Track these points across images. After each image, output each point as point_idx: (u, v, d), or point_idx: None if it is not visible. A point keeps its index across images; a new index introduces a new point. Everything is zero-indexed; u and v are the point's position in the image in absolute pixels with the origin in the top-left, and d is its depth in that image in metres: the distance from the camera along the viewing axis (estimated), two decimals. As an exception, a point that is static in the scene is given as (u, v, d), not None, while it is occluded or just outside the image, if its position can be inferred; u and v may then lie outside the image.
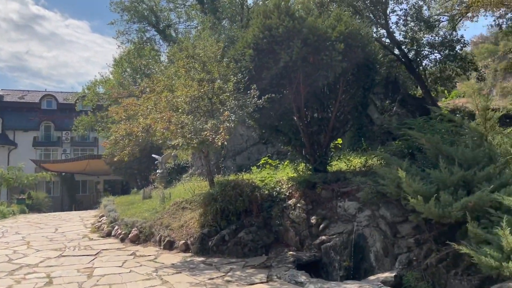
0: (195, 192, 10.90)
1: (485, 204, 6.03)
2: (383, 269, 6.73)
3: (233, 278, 6.66)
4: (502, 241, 5.25)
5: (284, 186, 9.07)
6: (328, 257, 7.40)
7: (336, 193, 8.27)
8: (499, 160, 6.92)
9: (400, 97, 17.51)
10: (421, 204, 6.12)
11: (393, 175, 6.96)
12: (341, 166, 10.29)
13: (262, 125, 9.87)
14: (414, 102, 17.58)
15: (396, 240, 6.98)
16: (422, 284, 6.19)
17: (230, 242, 8.33)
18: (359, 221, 7.35)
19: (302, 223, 8.16)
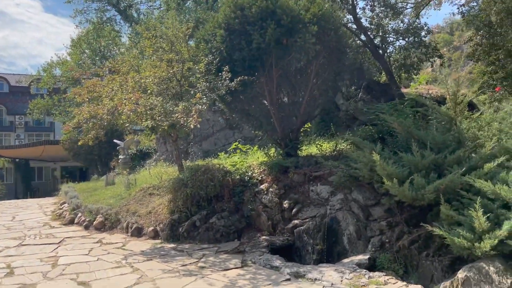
0: (163, 178, 10.59)
1: (456, 186, 6.15)
2: (356, 251, 6.78)
3: (207, 264, 6.50)
4: (474, 222, 5.38)
5: (256, 171, 8.95)
6: (301, 241, 7.38)
7: (308, 177, 8.24)
8: (467, 144, 7.10)
9: (365, 83, 17.73)
10: (395, 187, 6.17)
11: (367, 159, 6.99)
12: (311, 151, 10.29)
13: (233, 109, 9.66)
14: (378, 88, 17.85)
15: (369, 223, 7.04)
16: (395, 265, 6.28)
17: (201, 228, 8.15)
18: (332, 205, 7.36)
19: (275, 207, 8.09)
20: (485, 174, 6.05)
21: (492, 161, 6.33)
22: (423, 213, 6.93)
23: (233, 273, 6.00)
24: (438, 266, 6.02)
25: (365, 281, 5.38)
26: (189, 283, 5.58)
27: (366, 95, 17.28)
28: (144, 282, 5.70)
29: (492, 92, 10.34)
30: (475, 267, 5.22)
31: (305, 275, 5.69)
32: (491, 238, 5.10)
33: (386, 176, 6.47)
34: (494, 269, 5.04)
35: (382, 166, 6.40)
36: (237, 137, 19.14)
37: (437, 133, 7.14)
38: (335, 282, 5.38)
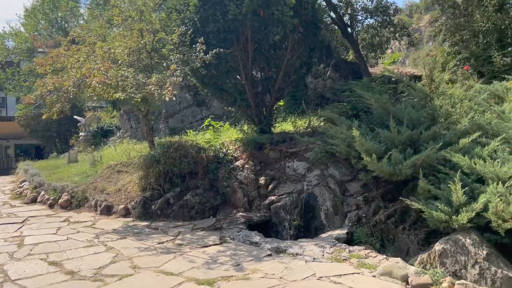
0: (131, 155, 10.23)
1: (432, 161, 6.27)
2: (333, 226, 6.83)
3: (184, 241, 6.35)
4: (451, 196, 5.51)
5: (230, 148, 8.80)
6: (278, 217, 7.35)
7: (284, 153, 8.19)
8: (440, 121, 7.24)
9: (333, 62, 17.78)
10: (374, 162, 6.21)
11: (344, 135, 6.99)
12: (284, 128, 10.24)
13: (206, 84, 9.37)
14: (346, 67, 17.97)
15: (345, 198, 7.10)
16: (372, 239, 6.38)
17: (175, 205, 7.95)
18: (309, 181, 7.35)
19: (251, 184, 8.00)
20: (460, 149, 6.18)
21: (465, 137, 6.50)
22: (397, 189, 7.06)
23: (213, 249, 5.89)
24: (414, 239, 6.16)
25: (346, 255, 5.42)
26: (169, 261, 5.41)
27: (335, 73, 17.35)
28: (120, 261, 5.48)
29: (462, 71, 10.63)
30: (451, 240, 5.36)
31: (286, 250, 5.67)
32: (468, 211, 5.24)
33: (364, 151, 6.50)
34: (470, 241, 5.20)
35: (361, 142, 6.42)
36: (205, 114, 18.81)
37: (412, 109, 7.23)
38: (317, 256, 5.38)
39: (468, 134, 6.63)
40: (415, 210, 6.37)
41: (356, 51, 16.42)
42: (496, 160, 5.56)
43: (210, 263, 5.27)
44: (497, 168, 5.50)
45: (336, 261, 5.22)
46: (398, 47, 26.15)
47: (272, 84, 9.27)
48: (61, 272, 5.11)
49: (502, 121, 6.61)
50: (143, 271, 5.07)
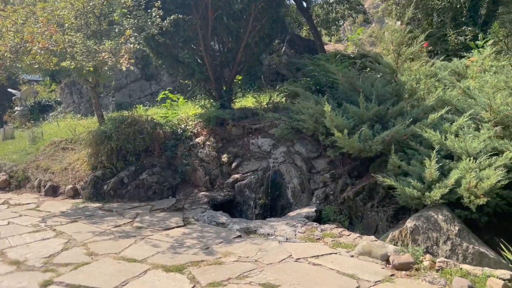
0: (77, 131, 9.39)
1: (401, 137, 6.18)
2: (300, 204, 6.62)
3: (144, 223, 5.85)
4: (424, 172, 5.44)
5: (190, 123, 8.27)
6: (243, 196, 7.02)
7: (248, 130, 7.82)
8: (405, 97, 7.19)
9: (288, 37, 17.46)
10: (345, 138, 6.00)
11: (313, 110, 6.73)
12: (244, 104, 9.84)
13: (161, 54, 8.69)
14: (301, 43, 17.73)
15: (312, 175, 6.89)
16: (340, 217, 6.24)
17: (130, 185, 7.36)
18: (274, 158, 7.05)
19: (212, 162, 7.57)
20: (428, 125, 6.12)
21: (432, 113, 6.47)
22: (363, 165, 6.96)
23: (177, 232, 5.46)
24: (383, 216, 6.09)
25: (318, 234, 5.21)
26: (129, 246, 4.93)
27: (290, 50, 17.07)
28: (74, 247, 4.92)
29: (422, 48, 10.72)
30: (423, 216, 5.31)
31: (256, 230, 5.36)
32: (441, 187, 5.19)
33: (334, 127, 6.28)
34: (442, 217, 5.17)
35: (331, 118, 6.18)
36: (155, 89, 17.93)
37: (379, 84, 7.10)
38: (289, 236, 5.13)
39: (434, 110, 6.62)
40: (383, 187, 6.30)
41: (311, 27, 16.19)
42: (468, 136, 5.54)
43: (176, 247, 4.85)
44: (468, 143, 5.49)
45: (310, 241, 5.00)
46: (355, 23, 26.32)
47: (233, 56, 8.80)
48: (3, 262, 4.48)
49: (467, 97, 6.65)
50: (102, 258, 4.56)
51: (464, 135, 5.61)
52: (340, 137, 5.97)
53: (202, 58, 8.59)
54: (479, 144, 5.48)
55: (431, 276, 3.93)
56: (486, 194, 4.96)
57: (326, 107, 6.04)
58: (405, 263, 4.14)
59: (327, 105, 6.04)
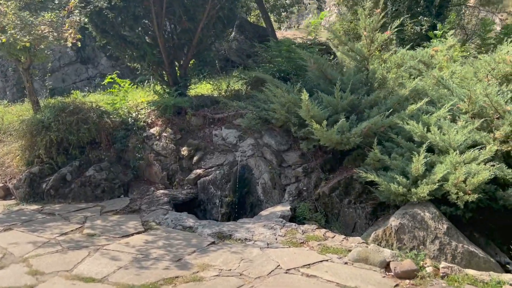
0: (6, 120, 8.10)
1: (378, 129, 5.82)
2: (271, 202, 6.08)
3: (96, 230, 5.00)
4: (409, 167, 5.11)
5: (142, 112, 7.38)
6: (207, 193, 6.35)
7: (209, 120, 7.12)
8: (375, 86, 6.89)
9: (238, 22, 16.72)
10: (322, 130, 5.52)
11: (285, 99, 6.17)
12: (200, 91, 9.08)
13: (106, 33, 7.65)
14: (251, 29, 17.06)
15: (283, 170, 6.37)
16: (316, 215, 5.78)
17: (74, 183, 6.38)
18: (242, 151, 6.43)
19: (170, 155, 6.79)
20: (406, 116, 5.81)
21: (405, 104, 6.20)
22: (336, 158, 6.56)
23: (138, 240, 4.68)
24: (362, 213, 5.72)
25: (301, 237, 4.71)
26: (82, 260, 4.10)
27: (239, 35, 16.37)
28: (11, 265, 4.00)
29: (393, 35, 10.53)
30: (409, 214, 4.98)
31: (231, 235, 4.74)
32: (429, 183, 4.87)
33: (309, 118, 5.78)
34: (429, 215, 4.86)
35: (308, 108, 5.66)
36: (92, 73, 16.46)
37: (351, 73, 6.71)
38: (270, 241, 4.57)
39: (407, 100, 6.35)
40: (360, 182, 5.93)
41: (263, 12, 15.57)
42: (453, 128, 5.28)
43: (141, 260, 4.10)
44: (451, 136, 5.23)
45: (293, 246, 4.48)
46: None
47: (189, 38, 7.98)
48: None
49: (442, 87, 6.44)
50: (50, 278, 3.71)
51: (447, 127, 5.34)
52: (318, 129, 5.47)
53: (154, 39, 7.69)
54: (461, 137, 5.24)
55: (438, 285, 3.57)
56: (474, 190, 4.72)
57: (304, 95, 5.50)
58: (408, 271, 3.74)
59: (305, 93, 5.50)
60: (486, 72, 6.78)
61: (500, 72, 6.79)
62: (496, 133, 5.38)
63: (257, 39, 16.20)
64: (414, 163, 4.99)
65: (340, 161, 6.58)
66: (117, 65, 15.77)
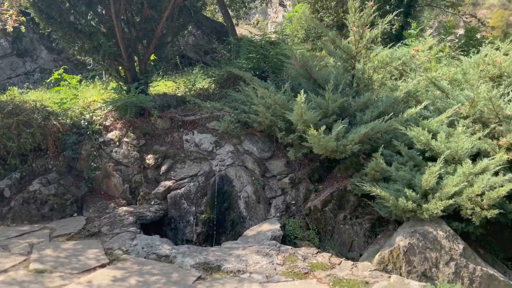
0: None
1: (375, 135, 5.23)
2: (256, 218, 5.29)
3: (46, 263, 3.95)
4: (416, 178, 4.53)
5: (98, 113, 6.29)
6: (179, 209, 5.44)
7: (178, 122, 6.19)
8: (361, 86, 6.34)
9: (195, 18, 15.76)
10: (319, 137, 4.81)
11: (272, 100, 5.40)
12: (158, 89, 8.09)
13: (52, 20, 6.48)
14: (209, 24, 16.17)
15: (267, 180, 5.61)
16: (309, 233, 5.08)
17: (14, 199, 5.23)
18: (220, 159, 5.58)
19: (133, 164, 5.79)
20: (405, 121, 5.26)
21: (396, 107, 5.69)
22: (323, 167, 5.90)
23: (103, 277, 3.71)
24: (360, 231, 5.09)
25: (303, 265, 3.98)
26: (31, 313, 3.08)
27: (196, 30, 15.41)
28: None
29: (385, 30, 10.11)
30: (418, 232, 4.41)
31: (220, 266, 3.90)
32: (442, 198, 4.32)
33: (302, 123, 5.06)
34: (443, 234, 4.32)
35: (302, 111, 4.93)
36: (30, 67, 14.73)
37: (340, 72, 6.08)
38: (269, 273, 3.79)
39: (398, 103, 5.83)
40: (356, 194, 5.31)
41: (222, 6, 14.72)
42: (463, 135, 4.77)
43: (111, 309, 3.15)
44: (460, 144, 4.72)
45: (298, 277, 3.73)
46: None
47: (151, 28, 6.98)
48: None
49: (436, 90, 5.97)
50: None
51: (457, 134, 4.84)
52: (315, 135, 4.76)
53: (111, 29, 6.62)
54: (469, 145, 4.75)
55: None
56: (492, 205, 4.24)
57: (300, 97, 4.75)
58: (448, 311, 3.12)
59: (301, 94, 4.76)
60: (478, 74, 6.46)
61: (488, 74, 6.50)
62: (501, 140, 4.98)
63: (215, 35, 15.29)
64: (426, 175, 4.42)
65: (329, 170, 5.93)
66: (59, 59, 14.29)
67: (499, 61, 6.36)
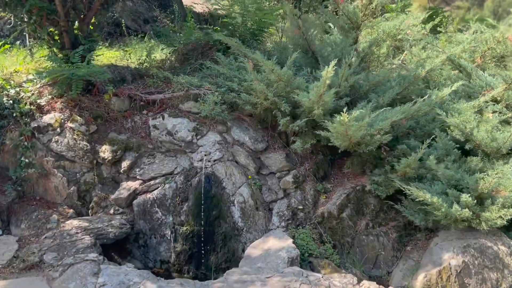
0: None
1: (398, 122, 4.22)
2: (255, 230, 4.07)
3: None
4: (471, 179, 3.58)
5: (28, 88, 4.58)
6: (150, 220, 4.05)
7: (140, 102, 4.70)
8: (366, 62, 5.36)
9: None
10: (350, 124, 3.67)
11: (275, 76, 4.12)
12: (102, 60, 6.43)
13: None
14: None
15: (264, 179, 4.40)
16: (326, 248, 3.97)
17: None
18: (206, 152, 4.23)
19: (82, 159, 4.24)
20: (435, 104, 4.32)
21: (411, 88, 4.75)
22: (326, 161, 4.80)
23: None
24: (387, 243, 4.09)
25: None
26: None
27: (130, -5, 13.45)
28: None
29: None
30: (473, 248, 3.53)
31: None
32: (506, 205, 3.43)
33: (320, 107, 3.89)
34: (506, 249, 3.48)
35: (324, 90, 3.74)
36: None
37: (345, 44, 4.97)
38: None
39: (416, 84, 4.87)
40: (377, 196, 4.29)
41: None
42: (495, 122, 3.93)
43: None
44: (506, 135, 3.86)
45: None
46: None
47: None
48: None
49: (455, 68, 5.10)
50: None
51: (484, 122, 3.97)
52: (345, 121, 3.59)
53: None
54: (513, 137, 3.91)
55: None
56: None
57: (327, 71, 3.55)
58: None
59: (330, 67, 3.55)
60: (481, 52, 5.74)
61: (495, 52, 5.81)
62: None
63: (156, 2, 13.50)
64: (489, 176, 3.49)
65: (332, 164, 4.85)
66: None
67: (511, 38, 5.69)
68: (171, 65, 5.96)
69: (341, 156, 4.93)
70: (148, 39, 8.20)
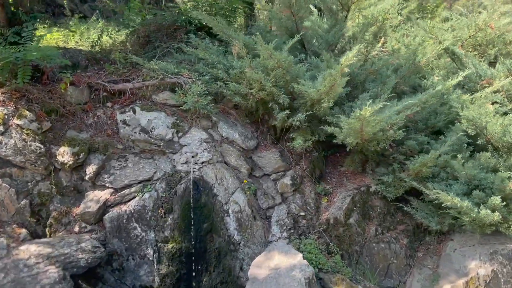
0: None
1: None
2: (253, 243, 3.48)
3: None
4: (496, 178, 3.24)
5: (-45, 73, 3.57)
6: (127, 239, 3.31)
7: (102, 93, 3.88)
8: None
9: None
10: (370, 118, 3.17)
11: (275, 62, 3.51)
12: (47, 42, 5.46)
13: None
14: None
15: (257, 181, 3.80)
16: (336, 260, 3.48)
17: None
18: (191, 153, 3.54)
19: (34, 164, 3.37)
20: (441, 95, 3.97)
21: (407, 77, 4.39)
22: (320, 159, 4.30)
23: None
24: (400, 250, 3.68)
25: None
26: None
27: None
28: None
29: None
30: (501, 254, 3.23)
31: None
32: (537, 205, 3.14)
33: (330, 98, 3.35)
34: (535, 254, 3.18)
35: (337, 80, 3.20)
36: None
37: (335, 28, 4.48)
38: None
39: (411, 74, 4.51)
40: (383, 197, 3.87)
41: None
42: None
43: None
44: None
45: None
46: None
47: None
48: None
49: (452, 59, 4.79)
50: None
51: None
52: (367, 115, 3.09)
53: None
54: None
55: None
56: None
57: (348, 56, 3.00)
58: None
59: (352, 53, 3.01)
60: (463, 40, 5.55)
61: (476, 41, 5.66)
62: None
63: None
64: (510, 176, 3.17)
65: (325, 160, 4.37)
66: None
67: (493, 26, 5.53)
68: (132, 49, 5.12)
69: (333, 152, 4.49)
70: (95, 19, 7.26)
